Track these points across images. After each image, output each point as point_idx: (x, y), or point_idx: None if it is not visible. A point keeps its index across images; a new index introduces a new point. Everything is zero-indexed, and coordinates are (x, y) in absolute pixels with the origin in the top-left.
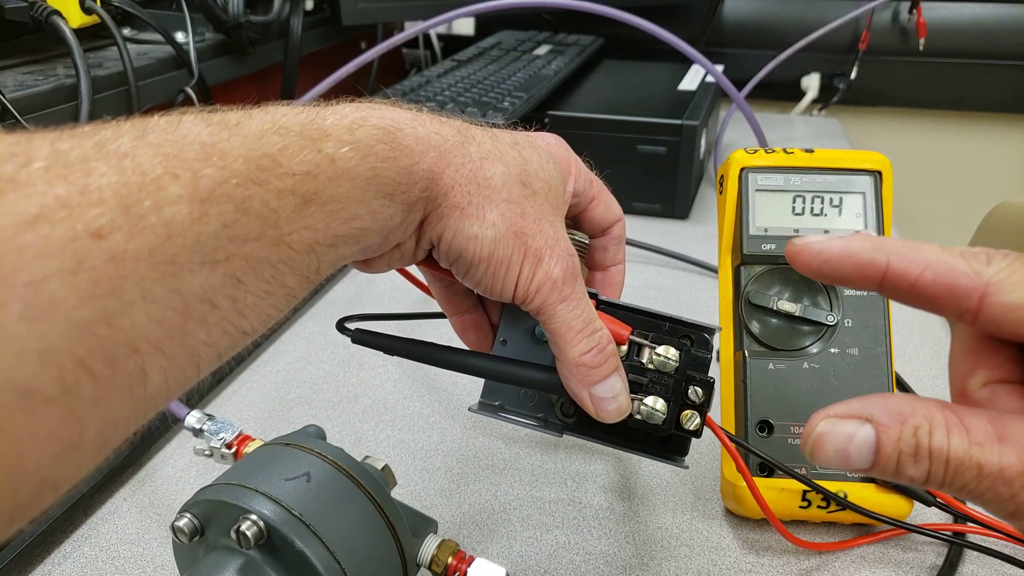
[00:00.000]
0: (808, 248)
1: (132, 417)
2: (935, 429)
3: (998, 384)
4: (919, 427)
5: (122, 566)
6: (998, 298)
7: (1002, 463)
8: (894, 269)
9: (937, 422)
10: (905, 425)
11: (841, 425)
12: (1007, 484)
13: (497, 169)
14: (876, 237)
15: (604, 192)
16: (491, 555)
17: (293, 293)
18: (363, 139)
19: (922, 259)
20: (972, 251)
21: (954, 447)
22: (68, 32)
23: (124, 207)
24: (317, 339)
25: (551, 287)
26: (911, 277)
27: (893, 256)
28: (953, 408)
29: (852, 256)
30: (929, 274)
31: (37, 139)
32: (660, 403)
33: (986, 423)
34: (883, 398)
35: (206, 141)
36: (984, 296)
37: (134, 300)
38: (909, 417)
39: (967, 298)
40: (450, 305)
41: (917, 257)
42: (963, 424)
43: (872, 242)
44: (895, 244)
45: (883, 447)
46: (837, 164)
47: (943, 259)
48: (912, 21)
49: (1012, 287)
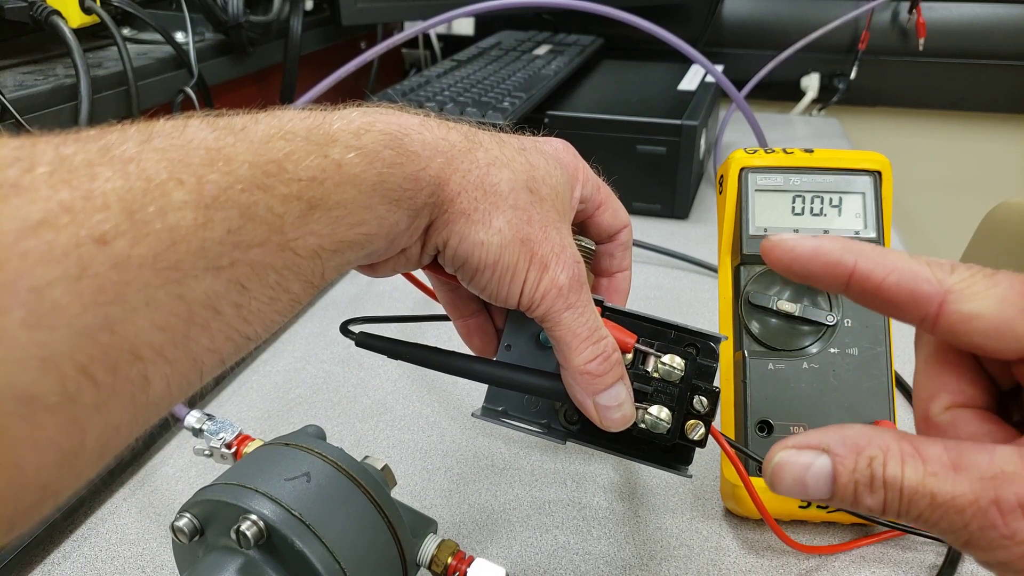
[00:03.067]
0: (780, 245)
1: (133, 423)
2: (889, 459)
3: (959, 409)
4: (874, 457)
5: (122, 566)
6: (956, 306)
7: (955, 492)
8: (860, 271)
9: (892, 452)
10: (860, 455)
11: (798, 455)
12: (959, 514)
13: (504, 175)
14: (847, 240)
15: (611, 198)
16: (491, 555)
17: (297, 299)
18: (370, 144)
19: (888, 263)
20: (938, 261)
21: (908, 477)
22: (68, 32)
23: (128, 213)
24: (317, 339)
25: (557, 294)
26: (876, 280)
27: (861, 258)
28: (910, 438)
29: (822, 256)
30: (893, 278)
31: (41, 143)
32: (665, 412)
33: (942, 451)
34: (840, 429)
35: (211, 146)
36: (943, 304)
37: (137, 307)
38: (865, 448)
39: (927, 304)
40: (455, 309)
41: (884, 261)
42: (919, 453)
43: (842, 244)
44: (864, 247)
45: (839, 477)
46: (837, 164)
47: (908, 265)
48: (912, 21)
49: (971, 297)
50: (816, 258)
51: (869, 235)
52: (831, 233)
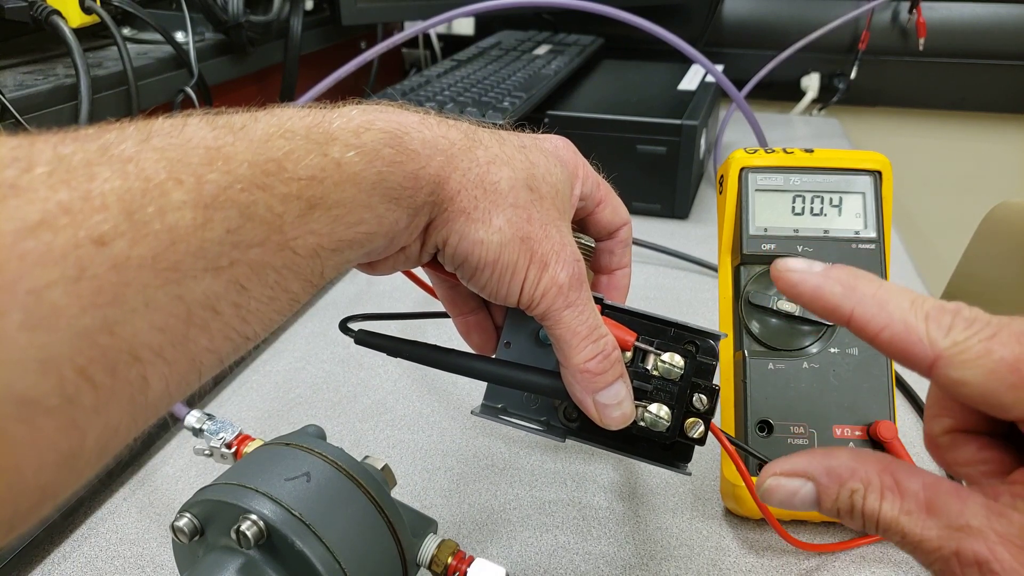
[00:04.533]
0: (786, 276)
1: (132, 424)
2: (869, 493)
3: (960, 434)
4: (855, 491)
5: (122, 566)
6: (946, 372)
7: (923, 535)
8: (856, 320)
9: (873, 486)
10: (843, 487)
11: (787, 482)
12: (924, 554)
13: (504, 173)
14: (851, 279)
15: (611, 195)
16: (491, 555)
17: (296, 298)
18: (369, 143)
19: (884, 317)
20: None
21: (884, 511)
22: (68, 32)
23: (127, 213)
24: (317, 339)
25: (556, 293)
26: (870, 332)
27: (858, 307)
28: (892, 469)
29: (821, 299)
30: (886, 334)
31: (39, 143)
32: (664, 410)
33: (920, 489)
34: (827, 457)
35: (211, 145)
36: (933, 367)
37: (136, 308)
38: (847, 480)
39: (919, 364)
40: (454, 306)
41: (880, 313)
42: (898, 488)
43: (844, 287)
44: (864, 293)
45: (823, 503)
46: (837, 164)
47: (905, 320)
48: (912, 21)
49: (960, 364)
50: (816, 300)
51: (869, 235)
52: (831, 233)
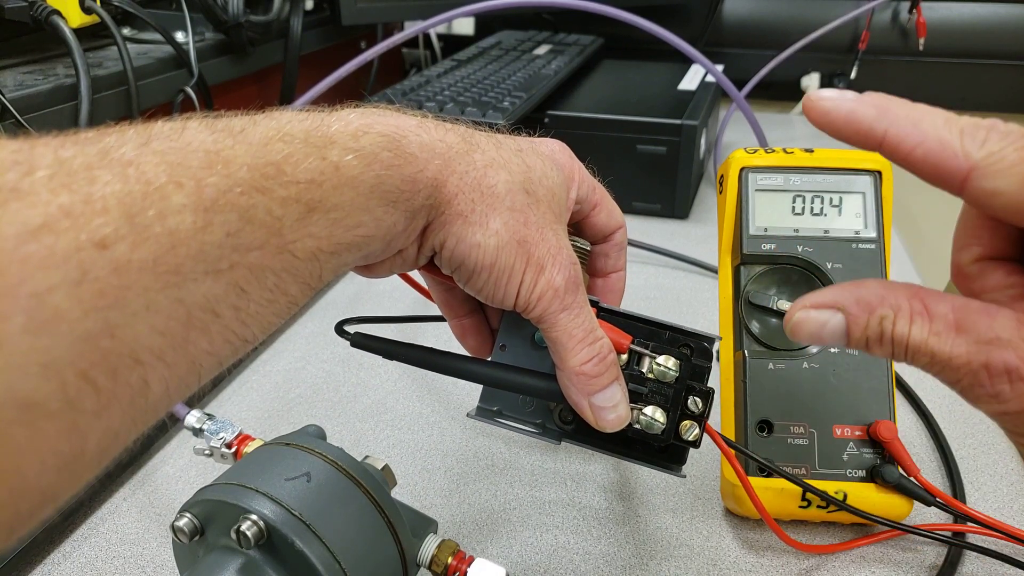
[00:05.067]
0: (818, 104)
1: (132, 427)
2: (899, 318)
3: (988, 261)
4: (884, 317)
5: (122, 566)
6: (978, 183)
7: (952, 353)
8: (890, 140)
9: (902, 311)
10: (872, 315)
11: (816, 314)
12: (954, 371)
13: (501, 177)
14: (884, 103)
15: (606, 198)
16: (491, 555)
17: (295, 300)
18: (368, 146)
19: (918, 134)
20: (973, 127)
21: (913, 335)
22: (68, 32)
23: (128, 216)
24: (317, 339)
25: (553, 296)
26: (904, 150)
27: (892, 127)
28: (921, 295)
29: (854, 123)
30: (920, 151)
31: (40, 146)
32: (659, 413)
33: (948, 311)
34: (856, 287)
35: (210, 149)
36: (967, 179)
37: (137, 311)
38: (876, 307)
39: (953, 177)
40: (450, 309)
41: (914, 131)
42: (927, 312)
43: (877, 110)
44: (898, 113)
45: (852, 333)
46: (837, 164)
47: (939, 136)
48: (912, 21)
49: (993, 174)
50: (849, 124)
51: (869, 234)
52: (831, 233)
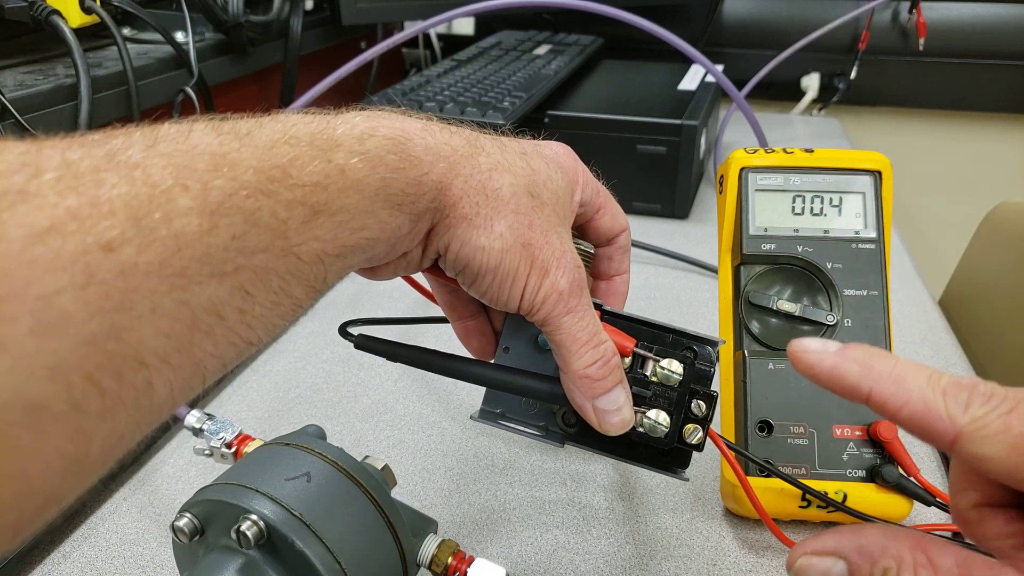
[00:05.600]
0: (804, 357)
1: (137, 429)
2: (903, 570)
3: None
4: (888, 569)
5: (122, 566)
6: (968, 447)
7: None
8: (876, 399)
9: (905, 563)
10: (875, 566)
11: (818, 561)
12: None
13: (506, 180)
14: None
15: (610, 202)
16: (491, 555)
17: (299, 303)
18: (373, 149)
19: (903, 395)
20: (955, 388)
21: None
22: (68, 32)
23: (134, 219)
24: (317, 339)
25: (557, 299)
26: (891, 410)
27: (876, 386)
28: (924, 545)
29: (839, 379)
30: (906, 412)
31: (47, 148)
32: (663, 416)
33: (953, 565)
34: (857, 534)
35: (216, 151)
36: (955, 443)
37: (143, 313)
38: (879, 559)
39: (941, 440)
40: (453, 311)
41: (898, 391)
42: (931, 564)
43: (861, 366)
44: (882, 372)
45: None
46: (837, 164)
47: (924, 397)
48: (912, 21)
49: (982, 440)
50: (834, 380)
51: (869, 234)
52: (831, 233)
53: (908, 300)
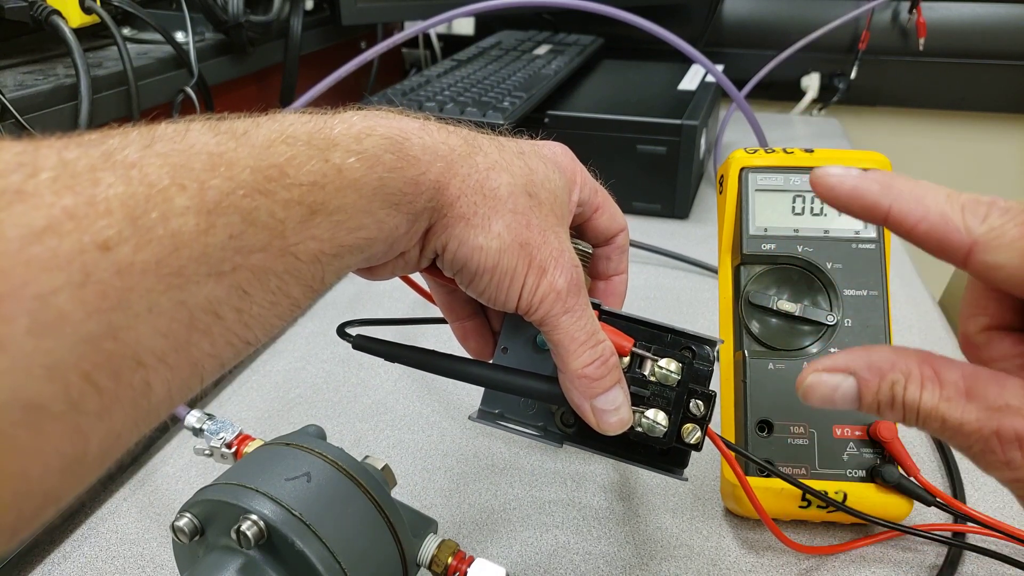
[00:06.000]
0: (825, 179)
1: (135, 429)
2: (910, 383)
3: (995, 331)
4: (896, 382)
5: (122, 566)
6: (981, 257)
7: (963, 420)
8: (895, 215)
9: (913, 377)
10: (884, 380)
11: (829, 378)
12: (965, 437)
13: (503, 179)
14: (888, 180)
15: (608, 201)
16: (491, 555)
17: (297, 303)
18: (370, 149)
19: (921, 209)
20: (974, 203)
21: (924, 401)
22: (68, 32)
23: (131, 219)
24: (317, 339)
25: (555, 298)
26: (909, 224)
27: (896, 202)
28: (931, 361)
29: (859, 198)
30: (924, 226)
31: (44, 148)
32: (661, 416)
33: (959, 378)
34: (868, 352)
35: (213, 151)
36: (970, 253)
37: (140, 313)
38: (888, 372)
39: (956, 251)
40: (452, 311)
41: (917, 206)
42: (938, 377)
43: (881, 185)
44: (901, 189)
45: (864, 397)
46: (837, 164)
47: (941, 211)
48: (912, 21)
49: (995, 248)
50: (854, 199)
51: (869, 234)
52: (831, 233)
53: (908, 300)
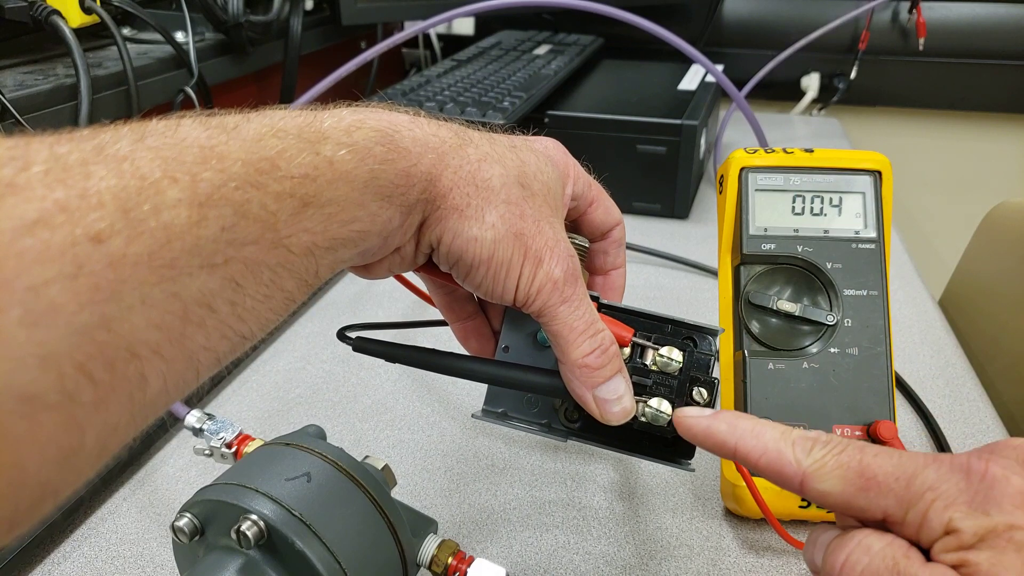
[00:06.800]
0: (683, 420)
1: (132, 422)
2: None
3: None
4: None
5: (122, 566)
6: (812, 486)
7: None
8: (740, 451)
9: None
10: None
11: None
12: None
13: (495, 171)
14: (733, 420)
15: (603, 195)
16: (491, 555)
17: (292, 297)
18: (361, 141)
19: (761, 446)
20: (802, 439)
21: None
22: (68, 32)
23: (123, 211)
24: (317, 339)
25: (552, 288)
26: (752, 459)
27: (740, 441)
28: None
29: (711, 436)
30: (764, 460)
31: (36, 143)
32: (665, 404)
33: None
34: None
35: (204, 144)
36: (802, 483)
37: (133, 304)
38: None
39: (791, 481)
40: (451, 312)
41: (758, 443)
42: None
43: (728, 425)
44: (745, 429)
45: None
46: (837, 164)
47: (777, 447)
48: (912, 21)
49: (821, 478)
50: (708, 438)
51: (869, 234)
52: (831, 233)
53: (908, 300)
